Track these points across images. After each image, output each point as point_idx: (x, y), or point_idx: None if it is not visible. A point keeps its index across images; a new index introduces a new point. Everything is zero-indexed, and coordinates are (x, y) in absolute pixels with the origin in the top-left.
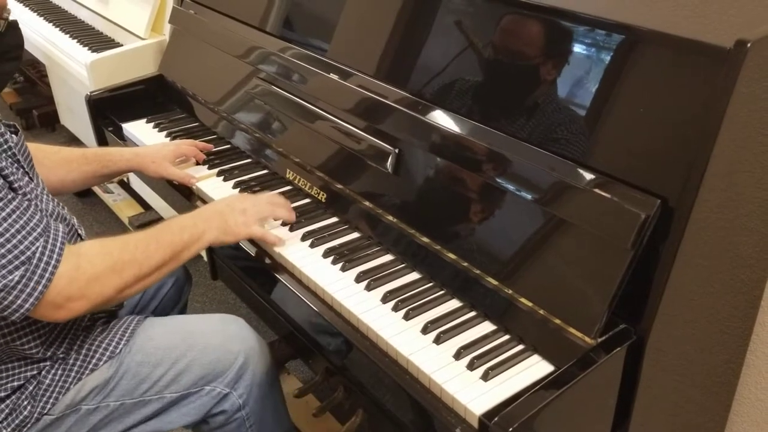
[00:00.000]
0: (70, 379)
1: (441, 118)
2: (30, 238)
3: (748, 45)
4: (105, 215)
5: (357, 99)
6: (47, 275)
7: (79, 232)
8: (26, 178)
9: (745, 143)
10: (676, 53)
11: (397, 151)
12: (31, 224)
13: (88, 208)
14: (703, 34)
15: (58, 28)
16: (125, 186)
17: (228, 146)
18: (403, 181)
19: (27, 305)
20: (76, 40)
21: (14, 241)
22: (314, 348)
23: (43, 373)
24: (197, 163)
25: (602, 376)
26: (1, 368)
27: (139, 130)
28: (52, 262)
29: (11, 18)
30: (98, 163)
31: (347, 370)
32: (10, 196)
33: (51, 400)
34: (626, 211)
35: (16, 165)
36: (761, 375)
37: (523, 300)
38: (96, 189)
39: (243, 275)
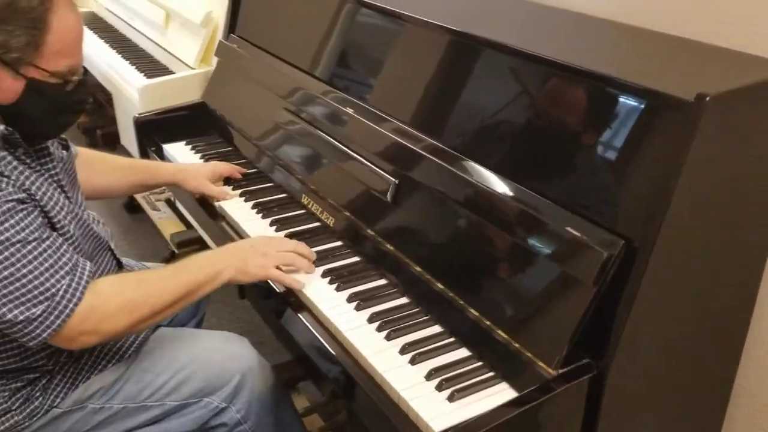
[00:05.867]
0: (80, 377)
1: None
2: (57, 276)
3: (707, 99)
4: (151, 231)
5: (386, 143)
6: (67, 311)
7: (110, 245)
8: (66, 202)
9: (707, 190)
10: (645, 103)
11: (397, 181)
12: (60, 263)
13: (136, 223)
14: (669, 86)
15: (120, 55)
16: (171, 204)
17: (255, 170)
18: (403, 212)
19: (44, 335)
20: (134, 67)
21: (42, 279)
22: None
23: (56, 368)
24: (224, 183)
25: (560, 405)
26: (24, 363)
27: (178, 151)
28: (74, 299)
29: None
30: (145, 174)
31: (333, 381)
32: (45, 235)
33: (60, 395)
34: (591, 249)
35: (58, 191)
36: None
37: (499, 332)
38: (144, 206)
39: (261, 297)
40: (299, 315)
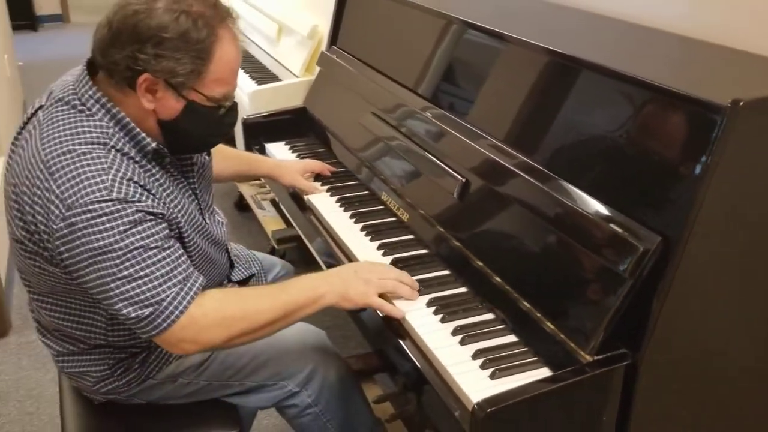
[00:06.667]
0: (173, 355)
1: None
2: (167, 284)
3: (741, 104)
4: (256, 228)
5: (459, 145)
6: (172, 317)
7: (227, 246)
8: (197, 212)
9: (744, 192)
10: (685, 108)
11: (464, 180)
12: (174, 273)
13: (245, 220)
14: (708, 92)
15: None
16: (275, 204)
17: (343, 169)
18: (469, 212)
19: (152, 334)
20: (248, 75)
21: (155, 283)
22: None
23: (154, 346)
24: (314, 180)
25: (594, 389)
26: (132, 342)
27: (278, 150)
28: (179, 309)
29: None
30: (249, 165)
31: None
32: (167, 245)
33: (156, 369)
34: (629, 244)
35: (192, 197)
36: None
37: (548, 323)
38: (252, 205)
39: None
40: None
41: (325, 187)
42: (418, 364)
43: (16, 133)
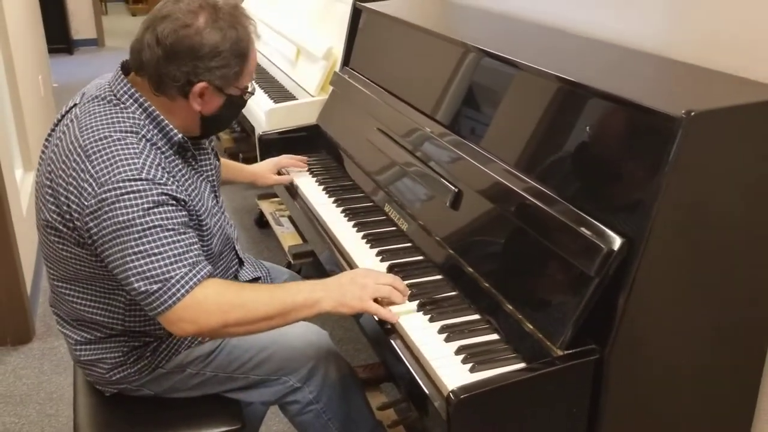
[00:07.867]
0: (182, 346)
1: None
2: (177, 265)
3: (692, 114)
4: (274, 243)
5: (465, 167)
6: (178, 296)
7: (236, 245)
8: (215, 201)
9: (701, 194)
10: (644, 118)
11: (457, 190)
12: (185, 256)
13: (264, 236)
14: (664, 103)
15: (257, 84)
16: (292, 221)
17: (351, 183)
18: (462, 222)
19: (158, 310)
20: (267, 94)
21: (166, 261)
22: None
23: (165, 336)
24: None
25: (564, 382)
26: (146, 329)
27: None
28: (184, 289)
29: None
30: (235, 173)
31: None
32: (182, 230)
33: (165, 358)
34: (594, 245)
35: (211, 190)
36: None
37: (528, 324)
38: (271, 221)
39: None
40: None
41: (333, 199)
42: (405, 359)
43: (50, 130)
